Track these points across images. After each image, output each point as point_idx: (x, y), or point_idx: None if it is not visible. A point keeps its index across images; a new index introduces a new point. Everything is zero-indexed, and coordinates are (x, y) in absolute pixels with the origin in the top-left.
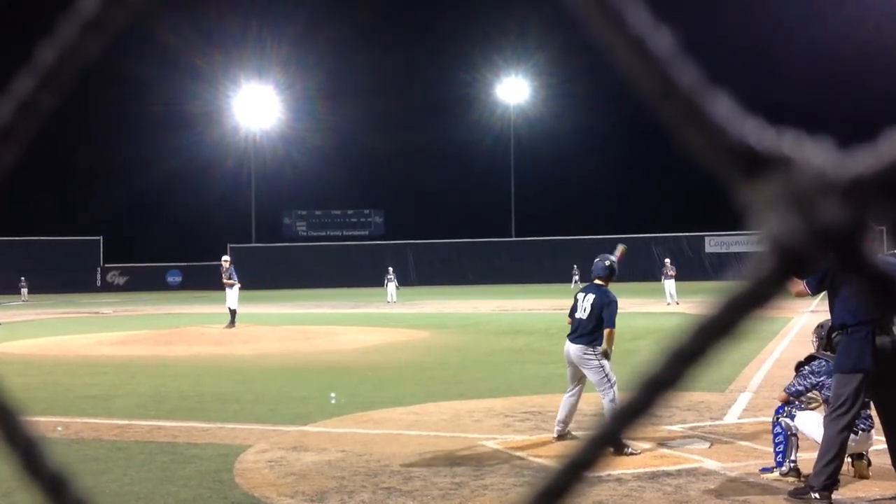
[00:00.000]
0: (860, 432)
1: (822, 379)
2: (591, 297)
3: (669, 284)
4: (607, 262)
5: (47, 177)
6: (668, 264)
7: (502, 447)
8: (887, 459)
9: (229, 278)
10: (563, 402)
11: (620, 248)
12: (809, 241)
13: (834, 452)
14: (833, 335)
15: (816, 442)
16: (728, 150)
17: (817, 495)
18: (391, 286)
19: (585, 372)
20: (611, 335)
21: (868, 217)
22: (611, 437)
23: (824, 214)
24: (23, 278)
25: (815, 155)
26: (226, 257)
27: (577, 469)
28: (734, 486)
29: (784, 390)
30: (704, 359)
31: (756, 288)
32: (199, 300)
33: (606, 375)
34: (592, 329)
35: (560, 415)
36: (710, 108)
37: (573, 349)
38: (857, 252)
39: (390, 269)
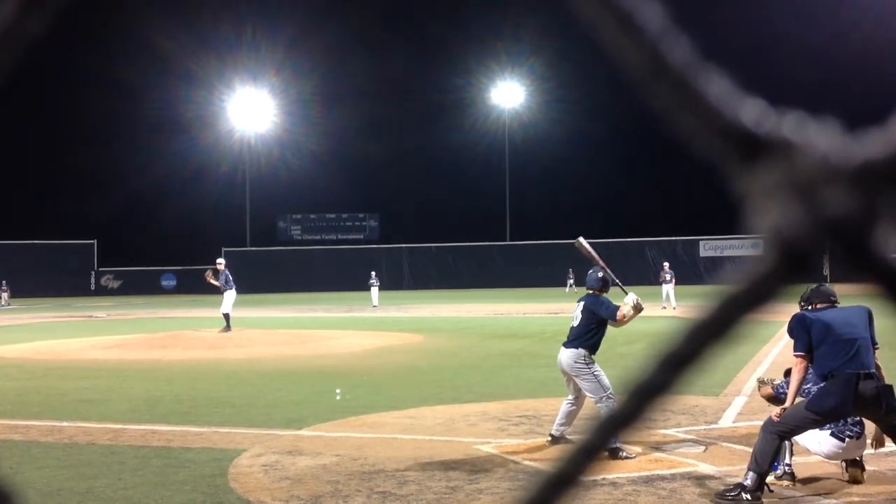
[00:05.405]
0: (847, 440)
1: (808, 386)
2: (581, 304)
3: (668, 288)
4: (600, 274)
5: (42, 181)
6: (667, 268)
7: (497, 451)
8: (883, 465)
9: (224, 282)
10: (562, 408)
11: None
12: (814, 233)
13: (769, 454)
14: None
15: (809, 450)
16: (723, 133)
17: (748, 496)
18: (374, 290)
19: (578, 382)
20: (623, 317)
21: (878, 207)
22: (604, 442)
23: (830, 203)
24: (3, 282)
25: (819, 139)
26: (220, 260)
27: (569, 475)
28: None
29: (773, 391)
30: (700, 362)
31: (756, 285)
32: (194, 304)
33: (600, 384)
34: (585, 333)
35: (558, 420)
36: (704, 87)
37: (565, 356)
38: (865, 246)
39: (373, 273)
